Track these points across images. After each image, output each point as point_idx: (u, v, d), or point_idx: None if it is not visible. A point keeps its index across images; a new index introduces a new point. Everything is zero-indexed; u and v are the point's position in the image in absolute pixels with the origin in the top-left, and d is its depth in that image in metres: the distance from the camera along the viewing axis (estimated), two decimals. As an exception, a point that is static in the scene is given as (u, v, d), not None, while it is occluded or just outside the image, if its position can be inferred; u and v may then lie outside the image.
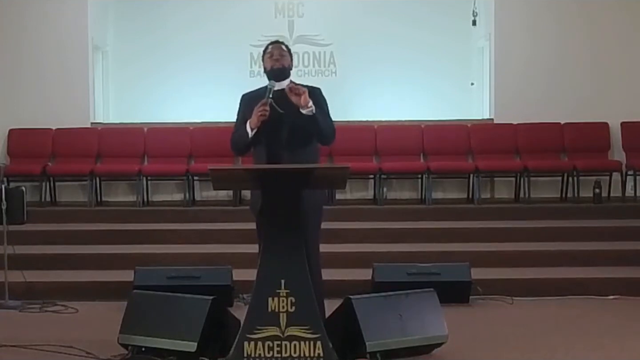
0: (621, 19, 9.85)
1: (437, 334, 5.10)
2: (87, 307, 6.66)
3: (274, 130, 5.06)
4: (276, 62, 5.22)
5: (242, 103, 5.31)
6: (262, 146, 5.13)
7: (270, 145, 5.10)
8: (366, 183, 9.71)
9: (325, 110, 5.20)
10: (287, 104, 5.03)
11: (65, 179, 9.63)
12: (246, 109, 5.21)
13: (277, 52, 5.26)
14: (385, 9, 10.95)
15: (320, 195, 5.29)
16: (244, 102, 5.30)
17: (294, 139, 5.08)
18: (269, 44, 5.36)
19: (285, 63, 5.24)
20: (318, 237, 5.21)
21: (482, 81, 10.69)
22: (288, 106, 5.02)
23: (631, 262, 7.55)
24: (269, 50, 5.29)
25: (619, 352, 5.32)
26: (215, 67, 10.85)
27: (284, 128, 5.07)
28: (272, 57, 5.25)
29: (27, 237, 7.91)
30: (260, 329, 4.61)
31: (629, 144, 9.58)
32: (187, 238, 8.19)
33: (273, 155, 5.07)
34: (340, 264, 7.12)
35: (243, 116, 5.22)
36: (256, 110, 5.03)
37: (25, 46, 9.82)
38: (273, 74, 5.19)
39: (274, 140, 5.09)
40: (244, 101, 5.31)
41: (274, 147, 5.09)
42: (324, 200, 5.38)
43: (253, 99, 5.18)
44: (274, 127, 5.06)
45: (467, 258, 7.08)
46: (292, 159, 4.99)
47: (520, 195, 9.48)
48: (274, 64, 5.21)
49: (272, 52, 5.27)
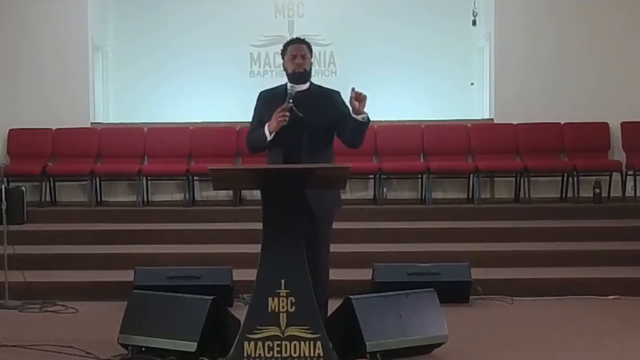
0: (621, 19, 9.85)
1: (437, 334, 5.10)
2: (87, 307, 6.66)
3: (292, 133, 4.98)
4: (298, 67, 5.10)
5: (260, 101, 5.20)
6: (279, 149, 5.05)
7: (288, 148, 5.03)
8: (366, 183, 9.71)
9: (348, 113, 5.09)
10: (307, 107, 4.97)
11: (65, 179, 9.62)
12: (263, 107, 5.13)
13: (299, 53, 5.11)
14: (385, 9, 10.95)
15: (333, 197, 5.20)
16: (262, 100, 5.19)
17: (313, 142, 5.03)
18: (290, 43, 5.22)
19: (307, 66, 5.13)
20: (329, 238, 5.18)
21: (482, 81, 10.68)
22: (308, 109, 4.97)
23: (631, 262, 7.55)
24: (290, 50, 5.15)
25: (619, 352, 5.32)
26: (215, 67, 10.85)
27: (304, 132, 5.01)
28: (293, 60, 5.11)
29: (27, 237, 7.92)
30: (260, 329, 4.61)
31: (629, 144, 9.58)
32: (187, 238, 8.18)
33: (291, 158, 4.99)
34: (340, 264, 7.06)
35: (260, 115, 5.13)
36: (276, 115, 4.94)
37: (25, 46, 9.82)
38: (294, 77, 5.10)
39: (293, 143, 5.01)
40: (261, 99, 5.20)
41: (292, 150, 5.02)
42: (336, 202, 5.27)
43: (271, 98, 5.10)
44: (292, 131, 4.97)
45: (467, 258, 7.08)
46: (312, 162, 4.93)
47: (520, 195, 9.48)
48: (296, 67, 5.10)
49: (294, 53, 5.13)
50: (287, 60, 5.15)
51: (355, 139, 5.12)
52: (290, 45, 5.19)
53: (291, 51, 5.15)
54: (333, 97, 5.18)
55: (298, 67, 5.10)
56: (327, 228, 5.15)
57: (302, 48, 5.15)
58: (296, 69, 5.10)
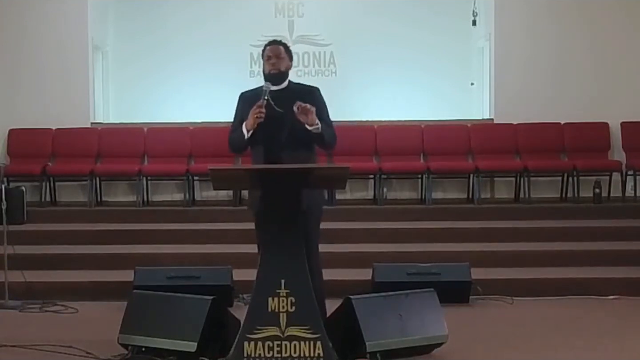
0: (621, 19, 9.85)
1: (437, 334, 5.10)
2: (87, 307, 6.66)
3: (273, 130, 5.05)
4: (272, 67, 5.19)
5: (240, 102, 5.29)
6: (260, 146, 5.12)
7: (268, 145, 5.09)
8: (366, 183, 9.71)
9: (325, 112, 5.18)
10: (287, 104, 5.02)
11: (65, 179, 9.62)
12: (243, 108, 5.20)
13: (274, 54, 5.21)
14: (385, 9, 10.95)
15: (319, 196, 5.28)
16: (242, 101, 5.28)
17: (293, 139, 5.07)
18: (267, 44, 5.31)
19: (282, 67, 5.20)
20: (317, 238, 5.21)
21: (482, 81, 10.68)
22: (287, 106, 5.01)
23: (631, 262, 7.55)
24: (267, 52, 5.24)
25: (619, 352, 5.32)
26: (215, 67, 10.85)
27: (284, 128, 5.06)
28: (269, 61, 5.21)
29: (27, 237, 7.92)
30: (260, 329, 4.61)
31: (629, 144, 9.58)
32: (187, 238, 8.18)
33: (272, 155, 5.05)
34: (340, 264, 7.12)
35: (240, 115, 5.21)
36: (252, 112, 5.02)
37: (26, 46, 9.82)
38: (270, 78, 5.17)
39: (273, 140, 5.07)
40: (241, 100, 5.29)
41: (273, 147, 5.08)
42: (323, 201, 5.37)
43: (250, 99, 5.16)
44: (273, 128, 5.04)
45: (467, 258, 7.08)
46: (292, 159, 4.97)
47: (520, 195, 9.48)
48: (271, 68, 5.19)
49: (269, 54, 5.22)
50: (264, 61, 5.25)
51: (322, 146, 5.21)
52: (267, 47, 5.28)
53: (267, 52, 5.24)
54: (312, 93, 5.21)
55: (273, 67, 5.19)
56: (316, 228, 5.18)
57: (278, 49, 5.24)
58: (271, 69, 5.19)
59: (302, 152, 5.09)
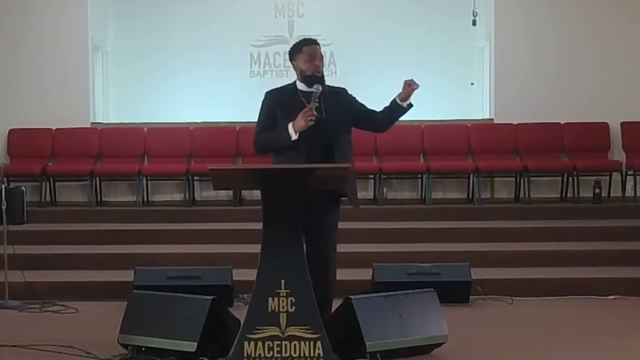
0: (621, 19, 9.84)
1: (437, 334, 5.10)
2: (87, 307, 6.65)
3: (316, 134, 4.96)
4: (317, 69, 5.09)
5: (269, 100, 5.15)
6: (300, 150, 4.99)
7: (310, 148, 5.00)
8: (366, 183, 9.70)
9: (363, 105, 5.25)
10: (328, 107, 5.00)
11: (65, 179, 9.62)
12: (274, 106, 5.09)
13: (317, 55, 5.12)
14: (385, 9, 10.94)
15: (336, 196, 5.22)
16: (272, 99, 5.14)
17: (339, 142, 5.05)
18: (304, 43, 5.18)
19: (322, 69, 5.15)
20: (335, 237, 5.21)
21: (482, 81, 10.68)
22: (329, 109, 5.00)
23: (631, 262, 7.55)
24: (307, 51, 5.12)
25: (619, 352, 5.32)
26: (215, 67, 10.84)
27: (330, 132, 5.02)
28: (312, 62, 5.09)
29: (27, 237, 7.92)
30: (260, 329, 4.61)
31: (629, 144, 9.58)
32: (187, 238, 8.18)
33: (316, 160, 4.95)
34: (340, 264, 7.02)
35: (270, 114, 5.09)
36: (303, 114, 4.91)
37: (25, 46, 9.82)
38: (313, 80, 5.06)
39: (315, 143, 4.99)
40: (271, 98, 5.14)
41: (318, 151, 5.00)
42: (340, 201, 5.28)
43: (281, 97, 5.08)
44: (316, 131, 4.95)
45: (467, 258, 7.08)
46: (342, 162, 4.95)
47: (520, 195, 9.48)
48: (315, 70, 5.09)
49: (310, 54, 5.11)
50: (303, 61, 5.11)
51: (387, 124, 5.33)
52: (305, 46, 5.15)
53: (308, 52, 5.12)
54: (344, 94, 5.23)
55: (317, 69, 5.10)
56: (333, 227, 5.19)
57: (317, 49, 5.16)
58: (315, 71, 5.09)
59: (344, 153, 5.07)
